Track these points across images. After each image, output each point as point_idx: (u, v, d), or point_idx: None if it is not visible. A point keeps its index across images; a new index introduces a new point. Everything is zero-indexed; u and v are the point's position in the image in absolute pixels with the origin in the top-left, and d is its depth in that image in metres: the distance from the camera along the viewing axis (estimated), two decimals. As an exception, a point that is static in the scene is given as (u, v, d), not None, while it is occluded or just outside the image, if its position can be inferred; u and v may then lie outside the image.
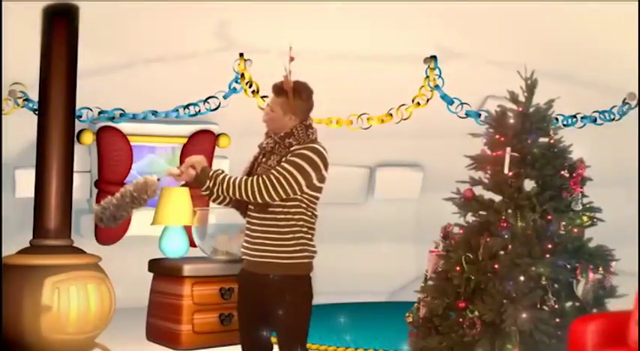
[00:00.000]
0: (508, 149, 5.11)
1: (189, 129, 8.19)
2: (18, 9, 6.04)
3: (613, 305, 5.08)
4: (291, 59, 4.04)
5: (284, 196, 3.90)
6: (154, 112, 7.52)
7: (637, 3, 6.00)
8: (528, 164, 5.14)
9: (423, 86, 7.27)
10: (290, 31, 6.91)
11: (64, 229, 6.02)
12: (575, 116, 7.51)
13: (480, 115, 7.20)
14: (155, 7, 6.41)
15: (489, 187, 5.27)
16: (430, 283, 5.31)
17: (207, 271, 6.77)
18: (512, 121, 5.20)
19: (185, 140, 8.20)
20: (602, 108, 7.55)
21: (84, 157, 7.90)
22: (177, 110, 7.47)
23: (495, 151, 5.22)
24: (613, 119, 7.53)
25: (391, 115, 7.42)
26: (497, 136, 5.25)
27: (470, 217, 5.29)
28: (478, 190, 5.33)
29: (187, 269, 6.66)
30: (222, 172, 4.04)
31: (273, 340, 4.11)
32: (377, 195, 9.05)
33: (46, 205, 5.97)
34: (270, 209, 3.94)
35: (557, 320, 4.87)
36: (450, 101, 7.30)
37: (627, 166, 7.78)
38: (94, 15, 6.27)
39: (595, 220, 5.19)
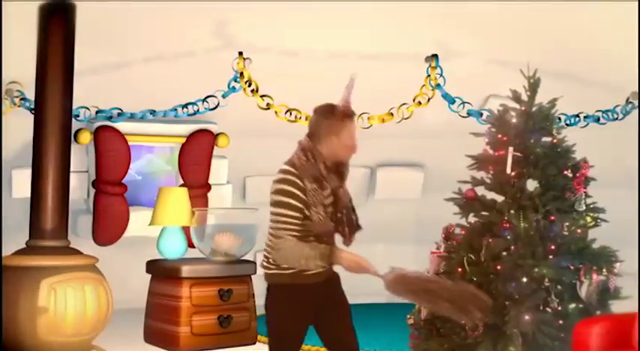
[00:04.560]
0: (510, 149, 5.07)
1: (188, 128, 8.14)
2: (15, 7, 5.99)
3: (617, 307, 5.03)
4: (351, 87, 3.98)
5: None
6: (152, 112, 7.47)
7: (637, 3, 5.97)
8: (531, 164, 5.10)
9: (424, 85, 7.22)
10: (290, 29, 6.89)
11: (60, 230, 5.97)
12: (578, 115, 7.46)
13: (481, 114, 7.15)
14: (154, 6, 6.37)
15: (491, 188, 5.23)
16: (432, 284, 5.25)
17: (206, 272, 6.72)
18: (514, 120, 5.17)
19: (184, 140, 8.15)
20: (605, 107, 7.50)
21: (81, 157, 7.85)
22: (175, 109, 7.42)
23: (497, 151, 5.17)
24: (616, 119, 7.48)
25: (392, 114, 7.37)
26: (499, 136, 5.21)
27: (472, 218, 5.25)
28: (480, 191, 5.28)
29: (186, 270, 6.61)
30: None
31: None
32: (377, 195, 9.00)
33: (42, 206, 5.93)
34: None
35: (561, 322, 4.84)
36: (451, 100, 7.25)
37: (630, 166, 7.74)
38: (92, 13, 6.22)
39: (599, 220, 5.14)
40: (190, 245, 7.16)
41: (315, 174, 3.88)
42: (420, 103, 7.26)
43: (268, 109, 7.10)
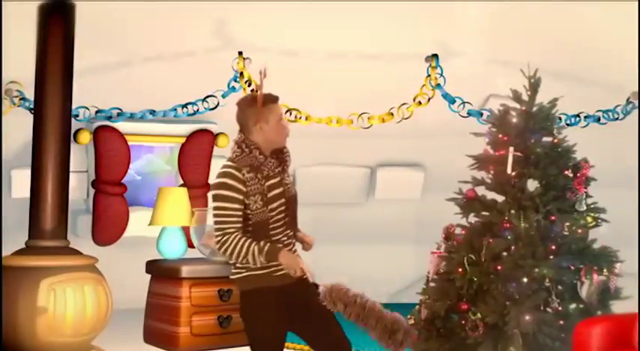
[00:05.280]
0: (511, 149, 5.06)
1: (188, 128, 8.14)
2: (14, 7, 5.99)
3: (617, 307, 5.02)
4: (264, 76, 3.99)
5: None
6: (152, 112, 7.46)
7: (637, 3, 5.97)
8: (532, 164, 5.09)
9: (424, 85, 7.20)
10: (290, 29, 6.88)
11: (60, 230, 5.96)
12: (578, 115, 7.45)
13: (482, 114, 7.13)
14: (154, 6, 6.36)
15: (492, 188, 5.22)
16: (432, 284, 5.26)
17: (206, 272, 6.69)
18: (515, 120, 5.17)
19: (183, 140, 8.15)
20: (605, 107, 7.50)
21: (81, 157, 7.84)
22: (175, 109, 7.41)
23: (498, 151, 5.17)
24: (617, 119, 7.46)
25: (392, 114, 7.35)
26: (499, 136, 5.20)
27: (472, 218, 5.24)
28: (481, 191, 5.27)
29: (185, 270, 6.58)
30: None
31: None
32: (378, 195, 9.00)
33: (41, 206, 5.91)
34: None
35: (561, 322, 4.83)
36: (451, 100, 7.24)
37: (630, 166, 7.73)
38: (92, 13, 6.21)
39: (599, 221, 5.13)
40: (190, 245, 7.14)
41: (251, 163, 3.89)
42: (420, 103, 7.24)
43: (268, 109, 7.08)
